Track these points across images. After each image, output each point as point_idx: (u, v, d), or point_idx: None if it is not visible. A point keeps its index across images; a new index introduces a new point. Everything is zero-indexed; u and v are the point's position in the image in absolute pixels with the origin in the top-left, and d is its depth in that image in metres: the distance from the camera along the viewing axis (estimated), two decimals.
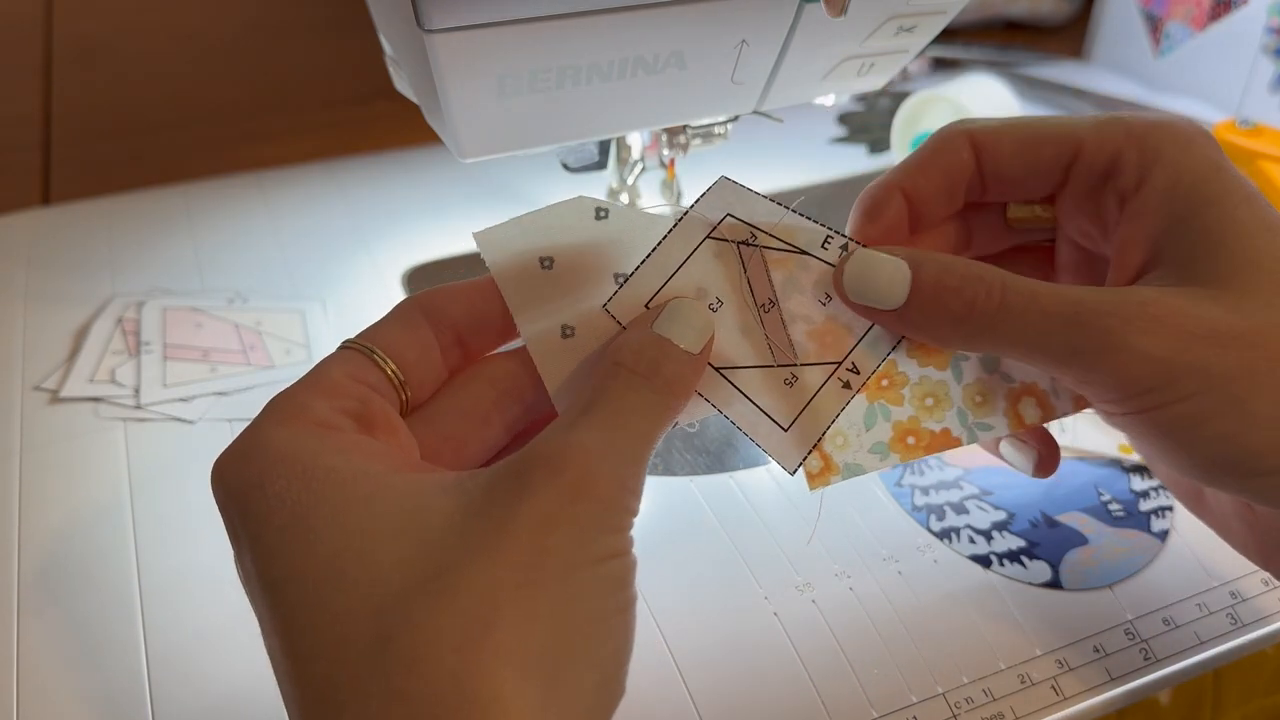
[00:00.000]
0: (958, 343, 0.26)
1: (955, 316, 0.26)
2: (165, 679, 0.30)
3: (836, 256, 0.27)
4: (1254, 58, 0.60)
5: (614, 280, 0.27)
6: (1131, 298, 0.24)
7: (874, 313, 0.27)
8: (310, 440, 0.22)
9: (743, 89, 0.37)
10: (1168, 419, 0.24)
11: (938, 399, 0.28)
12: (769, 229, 0.27)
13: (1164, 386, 0.24)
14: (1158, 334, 0.24)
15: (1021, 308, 0.25)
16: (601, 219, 0.27)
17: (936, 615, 0.32)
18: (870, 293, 0.26)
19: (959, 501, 0.36)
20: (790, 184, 0.56)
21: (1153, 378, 0.24)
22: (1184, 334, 0.24)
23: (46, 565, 0.33)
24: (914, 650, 0.31)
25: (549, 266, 0.27)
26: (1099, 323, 0.24)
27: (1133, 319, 0.24)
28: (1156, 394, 0.24)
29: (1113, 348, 0.24)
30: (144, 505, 0.36)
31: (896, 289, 0.26)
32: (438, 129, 0.35)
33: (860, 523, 0.36)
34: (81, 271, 0.47)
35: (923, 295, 0.26)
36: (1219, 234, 0.25)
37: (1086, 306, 0.24)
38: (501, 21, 0.29)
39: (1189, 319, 0.24)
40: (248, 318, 0.44)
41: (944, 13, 0.37)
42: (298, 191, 0.54)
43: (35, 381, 0.40)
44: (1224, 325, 0.24)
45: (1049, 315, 0.25)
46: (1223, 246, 0.25)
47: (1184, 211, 0.26)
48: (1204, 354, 0.23)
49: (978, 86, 0.54)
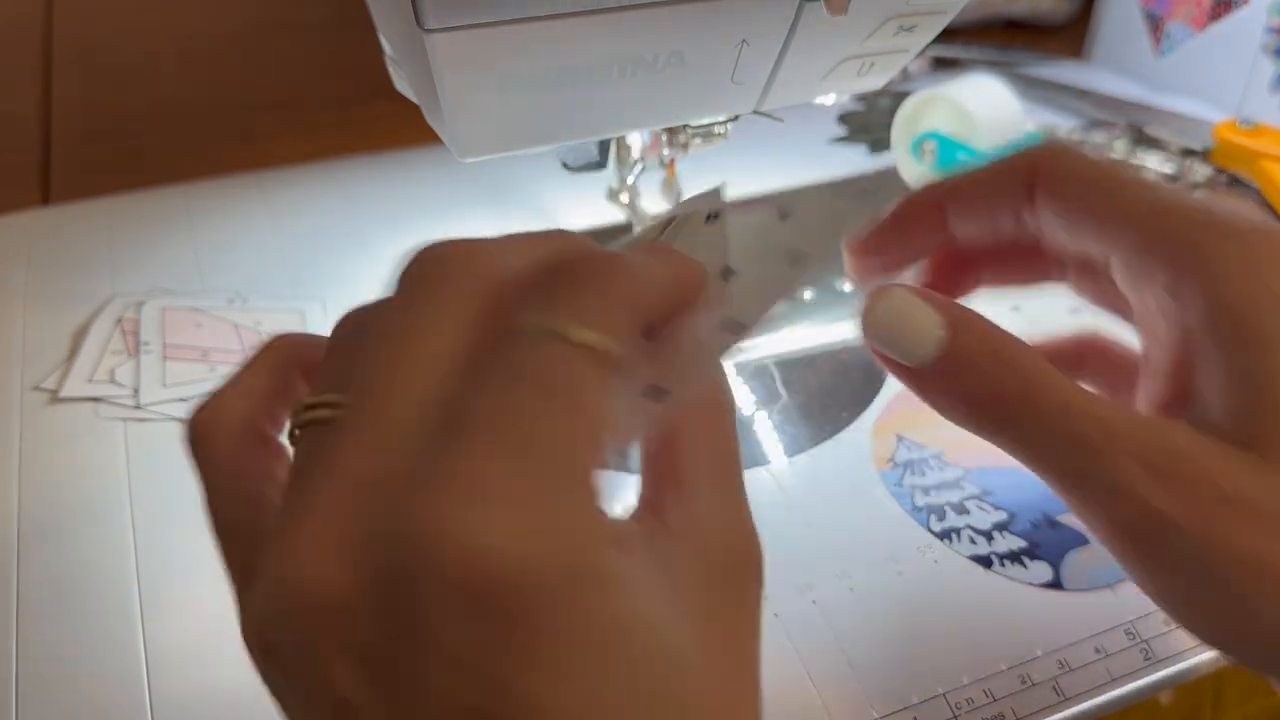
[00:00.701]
0: (958, 421, 0.24)
1: (973, 402, 0.23)
2: (164, 679, 0.30)
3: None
4: (1255, 57, 0.60)
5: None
6: (1164, 443, 0.22)
7: (885, 358, 0.24)
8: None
9: (743, 88, 0.37)
10: (1166, 579, 0.22)
11: None
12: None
13: (1178, 552, 0.21)
14: (1187, 499, 0.21)
15: (1048, 416, 0.22)
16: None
17: (937, 616, 0.32)
18: (893, 344, 0.24)
19: (959, 502, 0.36)
20: (790, 183, 0.56)
21: (1165, 537, 0.21)
22: (1213, 502, 0.21)
23: (46, 565, 0.33)
24: (914, 651, 0.31)
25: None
26: (1120, 462, 0.22)
27: (1162, 472, 0.21)
28: (1163, 553, 0.22)
29: (1128, 495, 0.21)
30: (143, 505, 0.35)
31: (923, 349, 0.23)
32: (437, 129, 0.35)
33: (860, 523, 0.36)
34: (81, 271, 0.47)
35: (949, 365, 0.23)
36: (1273, 390, 0.22)
37: (1116, 438, 0.22)
38: (501, 21, 0.29)
39: (1222, 483, 0.21)
40: (247, 318, 0.44)
41: (944, 12, 0.37)
42: (297, 191, 0.54)
43: (34, 381, 0.40)
44: (1257, 501, 0.21)
45: (1073, 436, 0.22)
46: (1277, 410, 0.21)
47: (1235, 346, 0.22)
48: (1228, 529, 0.21)
49: (978, 86, 0.54)
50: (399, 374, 0.18)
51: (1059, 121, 0.62)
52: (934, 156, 0.53)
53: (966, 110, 0.52)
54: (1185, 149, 0.55)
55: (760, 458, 0.38)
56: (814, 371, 0.43)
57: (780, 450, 0.39)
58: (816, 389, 0.42)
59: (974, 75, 0.54)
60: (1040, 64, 0.70)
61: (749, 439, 0.39)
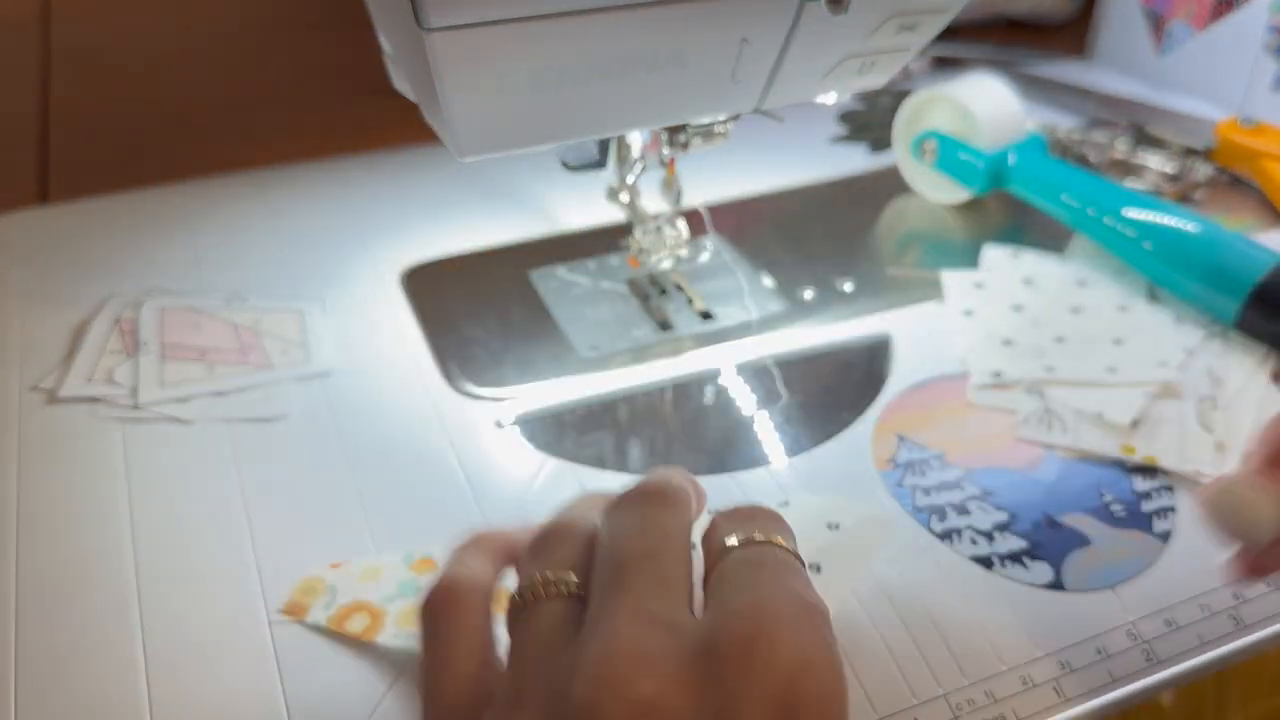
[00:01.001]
0: None
1: None
2: (163, 680, 0.30)
3: None
4: (1256, 56, 0.60)
5: None
6: None
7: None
8: None
9: (743, 87, 0.37)
10: None
11: None
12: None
13: None
14: None
15: None
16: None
17: (938, 616, 0.32)
18: (1235, 529, 0.26)
19: (960, 502, 0.36)
20: (791, 183, 0.56)
21: None
22: None
23: (44, 566, 0.33)
24: (915, 651, 0.31)
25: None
26: None
27: None
28: None
29: None
30: (142, 505, 0.35)
31: (1261, 529, 0.25)
32: (436, 128, 0.35)
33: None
34: (79, 271, 0.47)
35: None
36: None
37: None
38: (501, 20, 0.29)
39: None
40: (246, 317, 0.44)
41: (945, 11, 0.37)
42: (296, 191, 0.54)
43: (32, 381, 0.40)
44: None
45: None
46: None
47: None
48: None
49: (979, 86, 0.54)
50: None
51: (1060, 121, 0.61)
52: (935, 155, 0.53)
53: (968, 109, 0.52)
54: (1187, 148, 0.55)
55: (761, 458, 0.38)
56: (815, 372, 0.43)
57: (781, 450, 0.39)
58: (817, 389, 0.42)
59: (974, 75, 0.54)
60: (1041, 63, 0.70)
61: (750, 439, 0.39)
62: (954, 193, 0.54)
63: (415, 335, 0.44)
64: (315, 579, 0.33)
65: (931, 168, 0.54)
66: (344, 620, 0.31)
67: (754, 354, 0.44)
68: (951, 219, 0.54)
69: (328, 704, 0.30)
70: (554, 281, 0.48)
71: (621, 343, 0.44)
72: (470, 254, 0.50)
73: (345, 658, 0.31)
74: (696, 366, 0.43)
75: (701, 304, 0.46)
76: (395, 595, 0.32)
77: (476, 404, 0.41)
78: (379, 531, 0.35)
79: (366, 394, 0.41)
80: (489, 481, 0.37)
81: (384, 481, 0.37)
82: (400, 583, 0.32)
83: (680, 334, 0.45)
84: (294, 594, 0.32)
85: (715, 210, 0.51)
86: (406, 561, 0.33)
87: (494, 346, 0.44)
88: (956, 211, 0.55)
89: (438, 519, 0.35)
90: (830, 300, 0.47)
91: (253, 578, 0.33)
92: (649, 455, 0.39)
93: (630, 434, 0.40)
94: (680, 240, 0.46)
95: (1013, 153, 0.51)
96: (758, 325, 0.45)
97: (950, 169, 0.53)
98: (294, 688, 0.30)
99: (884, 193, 0.56)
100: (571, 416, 0.40)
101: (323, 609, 0.32)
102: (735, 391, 0.42)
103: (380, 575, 0.33)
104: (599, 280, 0.48)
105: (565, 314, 0.46)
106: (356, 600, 0.32)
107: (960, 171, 0.53)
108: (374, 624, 0.31)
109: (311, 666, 0.30)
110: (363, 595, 0.32)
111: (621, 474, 0.37)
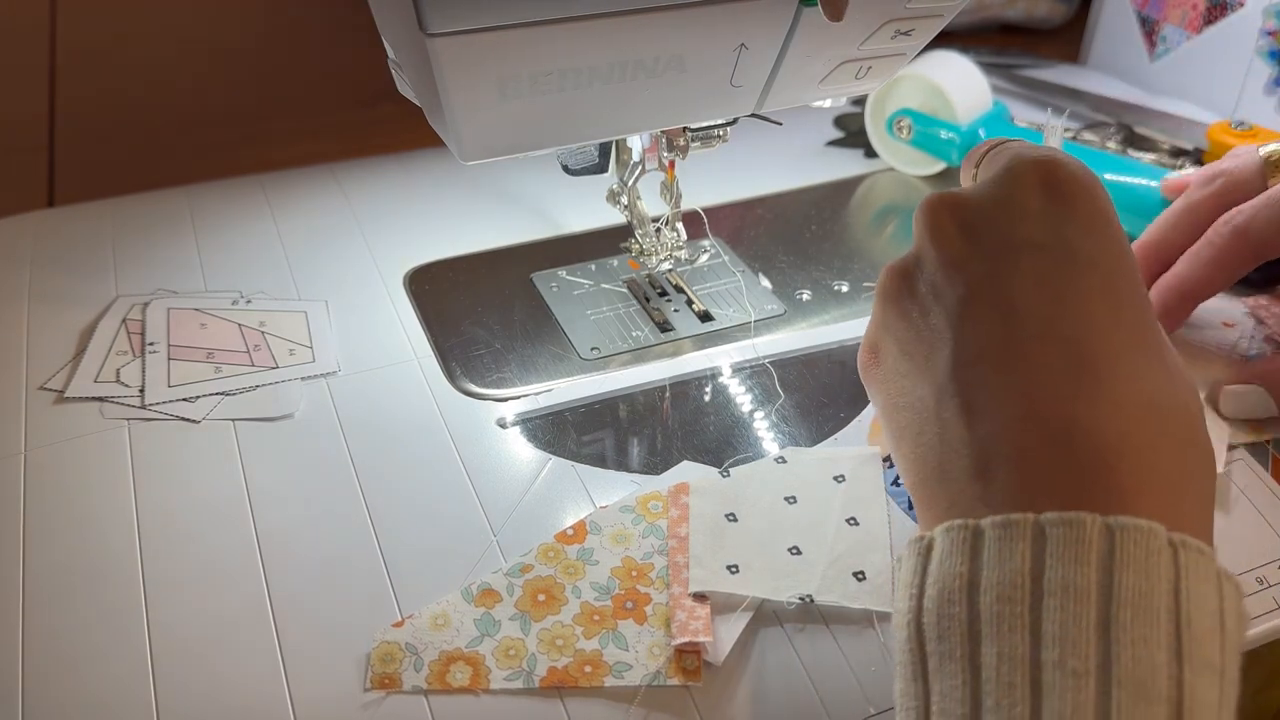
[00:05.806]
0: None
1: None
2: (169, 677, 0.30)
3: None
4: (1249, 60, 0.61)
5: None
6: None
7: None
8: None
9: (742, 92, 0.37)
10: None
11: None
12: None
13: None
14: None
15: None
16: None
17: None
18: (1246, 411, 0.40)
19: None
20: (788, 186, 0.57)
21: None
22: None
23: (52, 565, 0.34)
24: None
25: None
26: None
27: None
28: None
29: None
30: (148, 505, 0.36)
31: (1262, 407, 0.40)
32: (440, 131, 0.35)
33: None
34: (86, 272, 0.47)
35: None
36: None
37: None
38: (503, 25, 0.29)
39: None
40: (251, 318, 0.45)
41: (940, 16, 0.37)
42: (301, 193, 0.54)
43: (40, 381, 0.41)
44: None
45: None
46: None
47: None
48: None
49: (943, 61, 0.56)
50: None
51: (1054, 123, 0.62)
52: (911, 132, 0.56)
53: (936, 85, 0.55)
54: (1177, 148, 0.56)
55: (759, 457, 0.39)
56: (812, 371, 0.43)
57: (778, 449, 0.39)
58: (815, 389, 0.42)
59: (937, 52, 0.56)
60: (1036, 67, 0.71)
61: (748, 438, 0.40)
62: (927, 165, 0.58)
63: (419, 336, 0.44)
64: (389, 645, 0.31)
65: (908, 143, 0.57)
66: (443, 676, 0.30)
67: (752, 354, 0.44)
68: (925, 189, 0.58)
69: (332, 700, 0.30)
70: (555, 283, 0.48)
71: (621, 343, 0.45)
72: (473, 256, 0.50)
73: (348, 656, 0.31)
74: (695, 366, 0.43)
75: (700, 305, 0.47)
76: (480, 636, 0.31)
77: (479, 403, 0.41)
78: (384, 530, 0.35)
79: (371, 393, 0.41)
80: (491, 479, 0.37)
81: (388, 479, 0.37)
82: (476, 621, 0.32)
83: (679, 334, 0.45)
84: (374, 665, 0.30)
85: (714, 213, 0.52)
86: (467, 598, 0.32)
87: (496, 347, 0.44)
88: (929, 182, 0.58)
89: (441, 516, 0.36)
90: (827, 301, 0.48)
91: (259, 576, 0.33)
92: (649, 454, 0.39)
93: (630, 433, 0.40)
94: (679, 242, 0.46)
95: (982, 126, 0.55)
96: (756, 326, 0.46)
97: (926, 144, 0.56)
98: (299, 684, 0.30)
99: (880, 195, 0.57)
100: (572, 416, 0.41)
101: (414, 672, 0.30)
102: (734, 391, 0.42)
103: (450, 620, 0.32)
104: (599, 282, 0.48)
105: (566, 315, 0.46)
106: (443, 652, 0.31)
107: (936, 146, 0.56)
108: (478, 673, 0.30)
109: (316, 664, 0.31)
110: (446, 645, 0.31)
111: (622, 473, 0.38)
